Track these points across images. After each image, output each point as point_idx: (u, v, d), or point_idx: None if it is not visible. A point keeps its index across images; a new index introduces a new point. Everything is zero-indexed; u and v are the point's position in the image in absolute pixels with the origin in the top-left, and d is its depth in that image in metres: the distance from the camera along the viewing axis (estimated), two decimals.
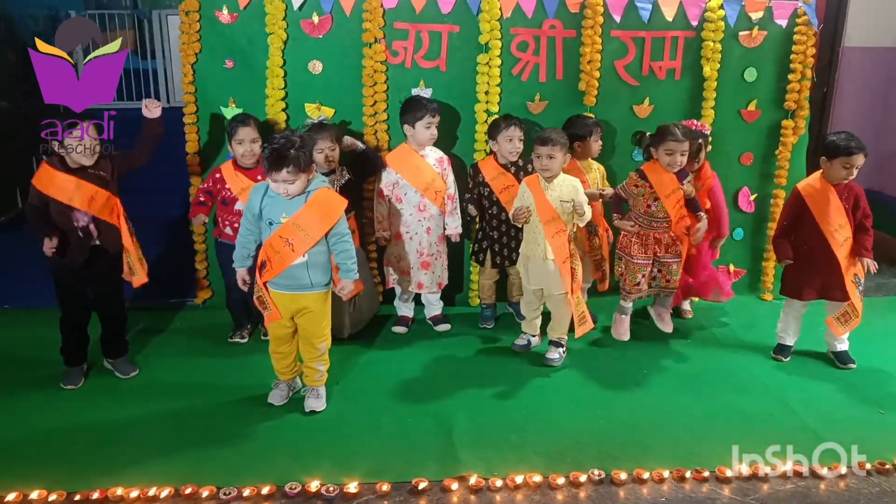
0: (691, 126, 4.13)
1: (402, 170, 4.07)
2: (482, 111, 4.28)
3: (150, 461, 2.96)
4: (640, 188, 3.90)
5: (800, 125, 4.61)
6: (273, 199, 3.16)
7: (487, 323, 4.30)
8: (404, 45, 4.20)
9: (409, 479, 2.85)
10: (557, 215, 3.68)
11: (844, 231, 3.72)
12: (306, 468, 2.91)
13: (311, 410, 3.35)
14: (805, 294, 3.83)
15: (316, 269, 3.22)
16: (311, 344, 3.33)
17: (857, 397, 3.60)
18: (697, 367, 3.88)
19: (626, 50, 4.36)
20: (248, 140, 3.86)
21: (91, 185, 3.37)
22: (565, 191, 3.71)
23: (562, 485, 2.85)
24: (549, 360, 3.88)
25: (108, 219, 3.45)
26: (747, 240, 4.80)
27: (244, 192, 3.84)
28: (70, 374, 3.56)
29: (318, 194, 3.17)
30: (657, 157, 3.88)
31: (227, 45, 4.16)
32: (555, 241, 3.68)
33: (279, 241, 3.14)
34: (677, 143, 3.80)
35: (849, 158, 3.63)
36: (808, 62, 4.52)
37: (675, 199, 3.87)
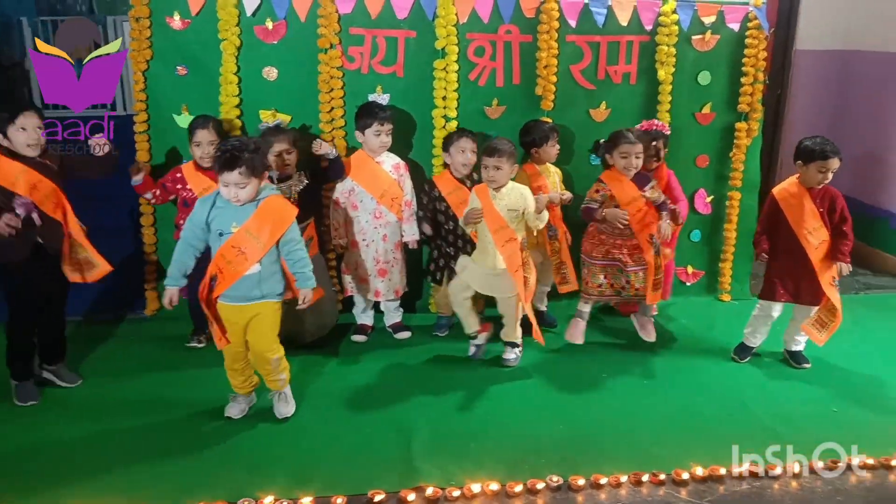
0: (652, 126, 4.16)
1: (357, 176, 4.03)
2: (440, 117, 4.27)
3: (102, 478, 2.89)
4: (602, 192, 3.89)
5: (753, 127, 4.68)
6: (222, 208, 3.10)
7: (442, 331, 4.28)
8: (360, 50, 4.17)
9: (366, 492, 2.82)
10: (506, 224, 3.67)
11: (819, 235, 3.73)
12: (261, 482, 2.87)
13: (283, 417, 3.33)
14: (777, 295, 3.85)
15: (268, 281, 3.17)
16: (265, 359, 3.27)
17: (814, 396, 3.66)
18: (656, 369, 3.91)
19: (581, 54, 4.38)
20: (206, 142, 3.82)
21: (35, 173, 3.27)
22: (513, 199, 3.70)
23: (519, 492, 2.85)
24: (507, 361, 3.89)
25: (51, 213, 3.33)
26: (704, 241, 4.85)
27: (205, 192, 3.77)
28: (25, 389, 3.43)
29: (268, 201, 3.12)
30: (614, 163, 3.88)
31: (180, 51, 4.09)
32: (506, 250, 3.67)
33: (231, 250, 3.09)
34: (630, 145, 3.81)
35: (824, 163, 3.65)
36: (760, 65, 4.59)
37: (636, 207, 3.84)
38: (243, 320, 3.19)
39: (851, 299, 5.01)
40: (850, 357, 4.07)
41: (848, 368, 3.95)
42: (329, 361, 3.94)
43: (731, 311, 4.36)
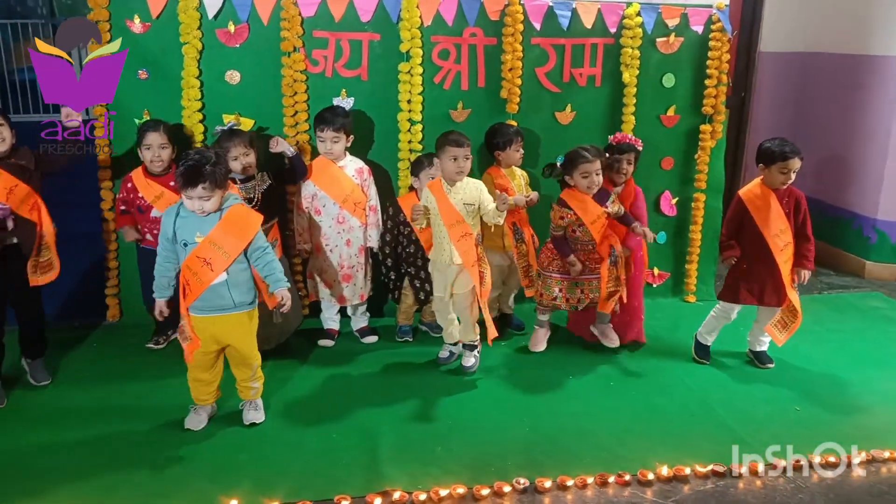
0: (626, 140, 4.06)
1: (319, 181, 4.00)
2: (405, 120, 4.26)
3: (62, 488, 2.83)
4: (566, 217, 3.82)
5: (717, 129, 4.73)
6: (185, 219, 3.07)
7: (406, 336, 4.26)
8: (324, 53, 4.15)
9: (332, 497, 2.79)
10: (462, 218, 3.65)
11: (785, 236, 3.77)
12: (225, 490, 2.83)
13: (252, 423, 3.30)
14: (742, 297, 3.87)
15: (237, 288, 3.13)
16: (246, 365, 3.26)
17: (776, 395, 3.70)
18: (621, 370, 3.93)
19: (546, 57, 4.40)
20: (157, 146, 3.78)
21: (11, 177, 3.24)
22: (469, 193, 3.69)
23: (486, 496, 2.84)
24: (467, 368, 3.88)
25: (27, 215, 3.32)
26: (670, 243, 4.89)
27: (159, 200, 3.76)
28: None
29: (232, 211, 3.09)
30: (574, 183, 3.80)
31: (140, 55, 4.01)
32: (461, 245, 3.65)
33: (196, 261, 3.05)
34: (589, 163, 3.73)
35: (785, 163, 3.68)
36: (723, 67, 4.64)
37: (600, 224, 3.82)
38: (216, 331, 3.15)
39: (814, 299, 5.10)
40: (812, 357, 4.13)
41: (810, 368, 4.00)
42: (295, 366, 3.90)
43: (696, 312, 4.39)
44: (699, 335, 4.08)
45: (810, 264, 3.83)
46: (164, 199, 3.79)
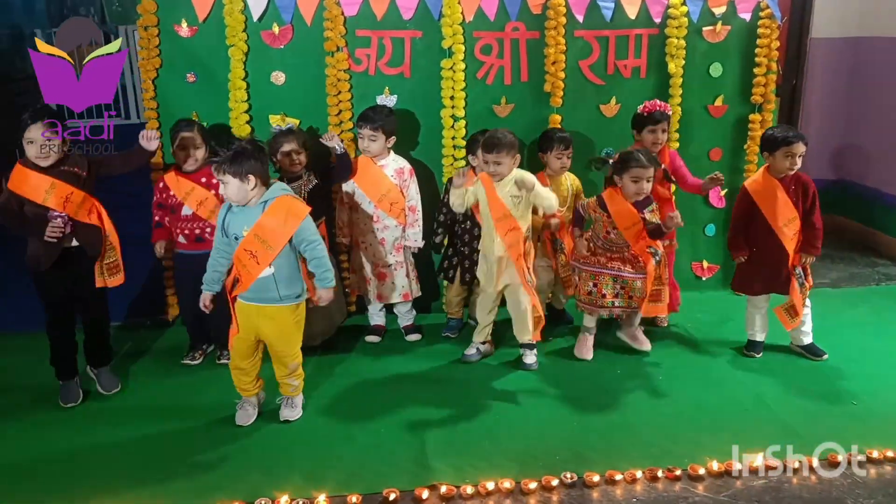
0: (656, 108, 4.00)
1: (357, 179, 4.04)
2: (448, 116, 4.26)
3: (119, 484, 2.91)
4: (598, 215, 3.77)
5: (767, 118, 4.62)
6: (235, 213, 3.15)
7: (452, 332, 4.25)
8: (367, 52, 4.18)
9: (381, 490, 2.83)
10: (509, 212, 3.64)
11: (794, 225, 3.72)
12: (277, 483, 2.88)
13: (286, 420, 3.34)
14: (754, 288, 3.85)
15: (283, 282, 3.18)
16: (283, 363, 3.31)
17: (831, 389, 3.61)
18: (671, 365, 3.87)
19: (590, 49, 4.36)
20: (191, 146, 3.82)
21: (65, 185, 3.31)
22: (515, 186, 3.66)
23: (534, 489, 2.83)
24: (527, 366, 3.85)
25: (85, 219, 3.39)
26: (719, 235, 4.79)
27: (189, 196, 3.80)
28: (66, 390, 3.51)
29: (276, 203, 3.14)
30: (621, 185, 3.71)
31: (188, 58, 4.12)
32: (508, 238, 3.65)
33: (244, 254, 3.12)
34: (643, 169, 3.63)
35: (789, 147, 3.64)
36: (772, 55, 4.53)
37: (636, 230, 3.72)
38: (260, 320, 3.21)
39: (871, 290, 4.97)
40: (870, 350, 4.01)
41: (868, 361, 3.88)
42: (342, 362, 3.95)
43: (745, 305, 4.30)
44: (748, 332, 4.02)
45: (816, 250, 3.75)
46: (194, 196, 3.81)
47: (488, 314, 3.91)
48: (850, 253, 5.52)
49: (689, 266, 4.81)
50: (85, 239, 3.43)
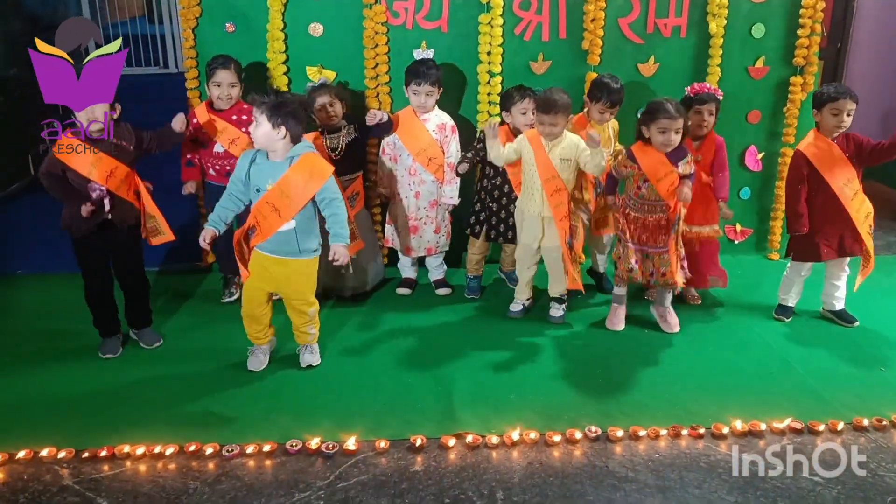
0: (704, 89, 3.93)
1: (400, 131, 4.06)
2: (484, 72, 4.25)
3: (156, 421, 3.03)
4: (629, 169, 3.66)
5: (809, 81, 4.54)
6: (259, 165, 3.19)
7: (474, 294, 4.27)
8: (405, 5, 4.17)
9: (407, 437, 2.91)
10: (557, 174, 3.65)
11: (853, 185, 3.68)
12: (307, 426, 2.97)
13: (308, 365, 3.44)
14: (824, 255, 3.78)
15: (304, 235, 3.24)
16: (301, 310, 3.38)
17: (859, 355, 3.60)
18: (699, 326, 3.89)
19: (630, 7, 4.29)
20: (227, 83, 3.87)
21: (111, 160, 3.33)
22: (566, 149, 3.67)
23: (558, 442, 2.89)
24: (554, 318, 3.91)
25: (124, 195, 3.41)
26: (754, 199, 4.76)
27: (222, 135, 3.87)
28: (106, 344, 3.58)
29: (302, 159, 3.17)
30: (649, 136, 3.58)
31: (228, 8, 4.15)
32: (554, 199, 3.66)
33: (266, 206, 3.17)
34: (671, 120, 3.48)
35: (836, 103, 3.60)
36: (817, 17, 4.43)
37: (669, 182, 3.58)
38: (278, 272, 3.28)
39: None
40: None
41: None
42: (371, 313, 4.03)
43: (778, 269, 4.26)
44: (780, 297, 4.00)
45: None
46: (227, 134, 3.89)
47: (528, 269, 3.94)
48: (888, 220, 5.43)
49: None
50: (120, 214, 3.43)
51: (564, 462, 2.81)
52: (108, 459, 2.80)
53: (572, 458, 2.83)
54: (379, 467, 2.77)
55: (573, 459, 2.83)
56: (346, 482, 2.68)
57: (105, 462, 2.78)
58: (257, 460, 2.80)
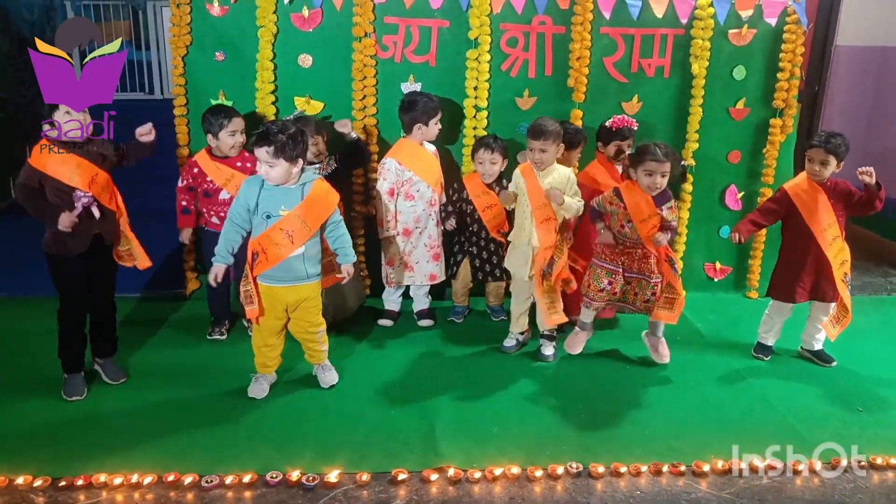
0: (624, 123, 4.07)
1: (413, 166, 4.04)
2: (471, 106, 4.31)
3: (135, 450, 2.99)
4: (615, 206, 3.67)
5: (788, 123, 4.64)
6: (270, 191, 3.19)
7: (457, 317, 4.35)
8: (394, 39, 4.22)
9: (390, 470, 2.89)
10: (548, 202, 3.70)
11: (833, 230, 3.75)
12: (288, 458, 2.95)
13: (330, 385, 3.51)
14: (797, 296, 3.85)
15: (311, 260, 3.29)
16: (310, 333, 3.42)
17: (837, 394, 3.64)
18: (680, 363, 3.90)
19: (615, 47, 4.38)
20: (240, 131, 3.89)
21: (91, 165, 3.26)
22: (558, 179, 3.72)
23: (539, 477, 2.89)
24: (544, 357, 3.91)
25: (107, 204, 3.33)
26: None
27: (230, 182, 3.86)
28: (72, 382, 3.38)
29: (315, 186, 3.23)
30: (636, 178, 3.62)
31: (218, 37, 4.18)
32: (542, 228, 3.72)
33: (279, 233, 3.18)
34: (658, 163, 3.52)
35: (809, 151, 3.75)
36: (797, 61, 4.54)
37: (651, 224, 3.60)
38: (290, 300, 3.30)
39: (882, 300, 5.00)
40: (878, 359, 4.04)
41: (876, 370, 3.91)
42: (354, 344, 4.02)
43: (757, 307, 4.32)
44: (759, 335, 4.05)
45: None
46: (235, 182, 3.87)
47: (523, 302, 3.97)
48: (864, 262, 5.53)
49: (702, 267, 4.84)
50: (106, 225, 3.35)
51: (546, 497, 2.81)
52: (84, 488, 2.75)
53: (554, 494, 2.83)
54: (360, 500, 2.75)
55: (555, 495, 2.82)
56: None
57: (82, 491, 2.74)
58: (237, 492, 2.77)
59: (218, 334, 4.06)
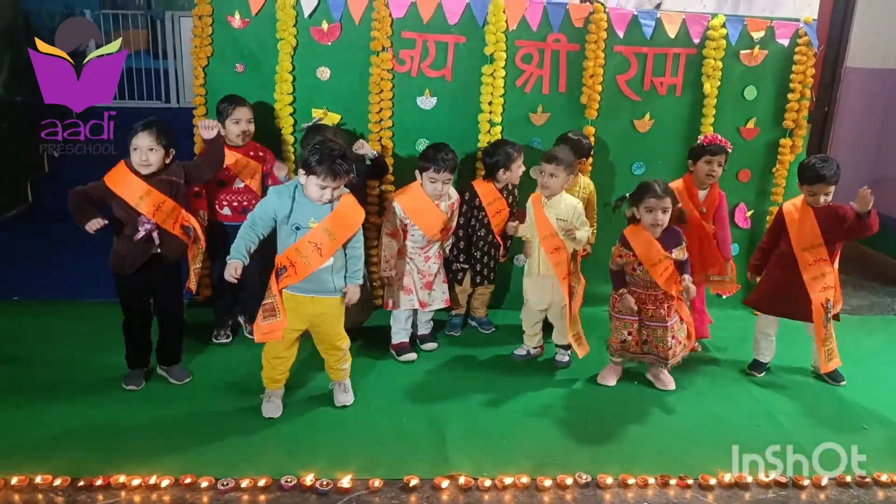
0: (716, 140, 4.00)
1: (413, 215, 3.93)
2: (485, 121, 4.38)
3: (152, 453, 3.04)
4: (624, 257, 3.66)
5: (797, 144, 4.70)
6: (301, 203, 3.22)
7: (454, 331, 4.37)
8: (411, 53, 4.30)
9: (401, 476, 2.94)
10: (555, 232, 3.76)
11: (816, 253, 3.78)
12: (302, 463, 3.00)
13: (343, 405, 3.48)
14: (765, 307, 3.94)
15: (339, 273, 3.31)
16: (334, 346, 3.41)
17: (843, 412, 3.68)
18: (689, 380, 3.94)
19: (628, 65, 4.45)
20: (245, 120, 3.95)
21: (159, 195, 3.34)
22: (563, 210, 3.79)
23: (548, 487, 2.93)
24: (559, 364, 4.01)
25: (171, 229, 3.41)
26: (742, 255, 4.86)
27: (244, 171, 3.95)
28: (131, 376, 3.58)
29: (343, 201, 3.26)
30: (640, 218, 3.63)
31: (238, 49, 4.26)
32: (553, 258, 3.78)
33: (308, 245, 3.20)
34: (657, 199, 3.54)
35: (811, 187, 3.76)
36: (807, 82, 4.61)
37: (664, 267, 3.60)
38: (313, 311, 3.31)
39: (888, 319, 5.02)
40: (886, 378, 4.08)
41: (883, 389, 3.94)
42: (365, 355, 4.05)
43: None
44: (754, 352, 4.09)
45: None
46: (249, 170, 3.98)
47: (534, 326, 4.04)
48: (872, 282, 5.57)
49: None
50: (168, 248, 3.45)
51: None
52: (103, 489, 2.81)
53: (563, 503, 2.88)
54: None
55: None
56: None
57: (100, 491, 2.80)
58: (252, 495, 2.83)
59: (224, 337, 4.14)
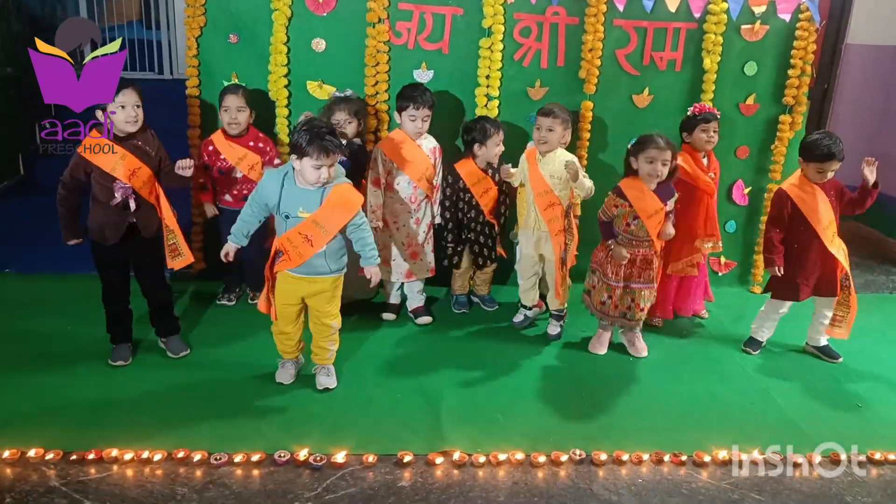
0: (703, 109, 4.06)
1: (396, 158, 3.96)
2: (482, 95, 4.33)
3: (145, 427, 3.03)
4: (620, 208, 3.67)
5: (797, 120, 4.65)
6: (289, 191, 3.17)
7: (463, 308, 4.35)
8: (408, 26, 4.23)
9: (395, 452, 2.93)
10: (549, 188, 3.76)
11: (832, 227, 3.78)
12: (296, 438, 2.99)
13: (325, 388, 3.41)
14: (802, 294, 3.85)
15: (332, 257, 3.27)
16: (323, 323, 3.37)
17: (838, 390, 3.69)
18: (682, 356, 3.95)
19: (627, 39, 4.40)
20: (234, 108, 3.93)
21: (135, 159, 3.33)
22: (557, 166, 3.76)
23: (543, 463, 2.93)
24: (551, 336, 4.01)
25: (147, 198, 3.41)
26: (739, 232, 4.86)
27: (242, 161, 3.96)
28: (117, 351, 3.56)
29: (335, 191, 3.17)
30: (637, 168, 3.64)
31: (232, 20, 4.19)
32: (547, 214, 3.78)
33: (298, 236, 3.17)
34: (659, 150, 3.56)
35: (820, 165, 3.71)
36: (808, 58, 4.56)
37: (658, 219, 3.65)
38: (308, 290, 3.29)
39: (883, 298, 5.03)
40: (880, 356, 4.08)
41: (877, 367, 3.94)
42: (360, 329, 4.04)
43: (761, 302, 4.34)
44: (752, 330, 4.08)
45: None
46: (247, 161, 3.99)
47: (530, 279, 4.04)
48: (867, 261, 5.55)
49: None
50: (143, 217, 3.43)
51: (549, 483, 2.85)
52: (95, 462, 2.80)
53: (557, 480, 2.87)
54: (366, 481, 2.79)
55: (558, 481, 2.87)
56: (333, 494, 2.71)
57: (92, 465, 2.79)
58: (245, 469, 2.82)
59: (226, 300, 4.20)
